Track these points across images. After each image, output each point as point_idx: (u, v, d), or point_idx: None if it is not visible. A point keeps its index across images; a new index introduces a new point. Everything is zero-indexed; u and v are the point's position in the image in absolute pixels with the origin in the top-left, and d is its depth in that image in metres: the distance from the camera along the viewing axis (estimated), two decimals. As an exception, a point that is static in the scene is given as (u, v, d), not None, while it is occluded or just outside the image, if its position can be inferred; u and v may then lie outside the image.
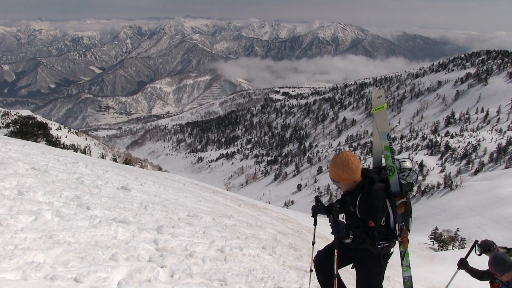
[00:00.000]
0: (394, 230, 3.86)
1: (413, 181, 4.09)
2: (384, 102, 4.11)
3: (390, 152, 4.01)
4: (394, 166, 3.93)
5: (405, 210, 3.90)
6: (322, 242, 10.96)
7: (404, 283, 4.47)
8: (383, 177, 3.93)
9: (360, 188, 3.76)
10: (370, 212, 3.66)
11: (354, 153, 58.42)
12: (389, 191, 3.84)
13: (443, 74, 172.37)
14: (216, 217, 8.06)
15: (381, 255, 3.86)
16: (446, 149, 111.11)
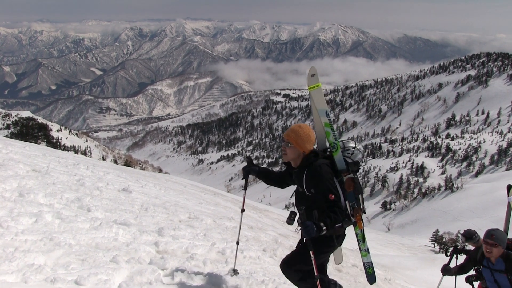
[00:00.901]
0: (346, 210, 3.73)
1: (358, 159, 3.99)
2: (318, 80, 4.09)
3: (331, 129, 3.95)
4: (337, 142, 3.88)
5: (354, 188, 3.77)
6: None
7: (365, 269, 4.32)
8: (328, 155, 3.90)
9: (305, 164, 3.68)
10: (323, 185, 3.55)
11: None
12: (335, 168, 3.78)
13: (443, 76, 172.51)
14: (217, 219, 8.05)
15: (334, 236, 3.72)
16: (447, 151, 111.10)
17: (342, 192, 3.70)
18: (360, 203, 3.83)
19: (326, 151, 3.99)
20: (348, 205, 3.74)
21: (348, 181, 3.74)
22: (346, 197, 3.73)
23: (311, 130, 3.77)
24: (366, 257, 4.25)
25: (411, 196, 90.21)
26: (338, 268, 7.96)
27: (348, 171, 3.80)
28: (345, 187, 3.72)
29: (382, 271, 10.15)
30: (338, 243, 3.81)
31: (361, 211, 3.82)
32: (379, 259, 13.59)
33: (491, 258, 4.54)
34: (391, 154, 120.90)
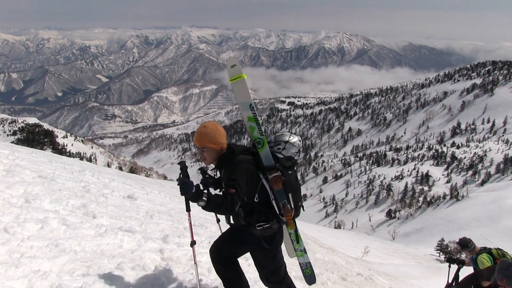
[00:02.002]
0: (277, 209, 3.55)
1: (292, 154, 3.83)
2: (241, 71, 3.77)
3: (255, 123, 3.73)
4: (263, 138, 3.68)
5: (285, 186, 3.55)
6: (327, 253, 10.91)
7: (303, 270, 4.15)
8: (252, 150, 3.69)
9: (223, 162, 3.54)
10: (230, 180, 3.35)
11: (359, 163, 58.44)
12: (260, 165, 3.59)
13: (449, 84, 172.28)
14: (222, 226, 8.04)
15: (263, 238, 3.55)
16: (452, 159, 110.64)
17: (271, 191, 3.54)
18: (291, 201, 3.61)
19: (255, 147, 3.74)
20: (277, 205, 3.54)
21: (275, 179, 3.53)
22: (275, 196, 3.54)
23: (218, 125, 3.60)
24: (303, 257, 4.11)
25: (416, 205, 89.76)
26: (342, 277, 7.92)
27: (276, 168, 3.58)
28: (272, 184, 3.52)
29: (387, 280, 10.09)
30: (268, 245, 3.58)
31: (291, 210, 3.60)
32: (384, 268, 13.51)
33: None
34: (396, 162, 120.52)
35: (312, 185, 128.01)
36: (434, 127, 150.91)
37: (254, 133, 3.70)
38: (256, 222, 3.50)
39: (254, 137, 3.70)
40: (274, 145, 3.83)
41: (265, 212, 3.54)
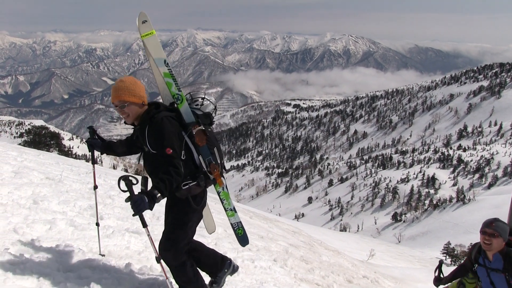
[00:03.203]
0: (201, 167, 3.41)
1: (210, 111, 3.71)
2: (152, 27, 3.61)
3: (172, 79, 3.59)
4: (181, 93, 3.55)
5: (208, 142, 3.46)
6: (333, 256, 10.90)
7: (234, 230, 3.98)
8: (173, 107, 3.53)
9: (146, 119, 3.31)
10: (162, 139, 3.18)
11: (365, 166, 58.16)
12: (182, 121, 3.45)
13: (455, 87, 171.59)
14: (228, 228, 8.06)
15: (190, 197, 3.35)
16: (458, 162, 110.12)
17: (194, 147, 3.40)
18: (217, 157, 3.51)
19: (173, 105, 3.58)
20: (203, 161, 3.42)
21: (199, 134, 3.41)
22: (200, 153, 3.41)
23: (135, 79, 3.38)
24: (233, 217, 3.92)
25: (422, 208, 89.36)
26: (348, 279, 7.91)
27: (198, 123, 3.47)
28: (196, 141, 3.39)
29: (392, 283, 10.06)
30: (196, 204, 3.41)
31: (218, 166, 3.49)
32: (389, 271, 13.46)
33: (489, 254, 3.98)
34: (401, 165, 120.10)
35: (317, 187, 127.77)
36: (440, 130, 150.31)
37: (172, 89, 3.57)
38: (181, 182, 3.28)
39: (172, 93, 3.56)
40: (191, 102, 3.70)
41: (191, 170, 3.36)
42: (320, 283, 6.40)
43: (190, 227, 3.48)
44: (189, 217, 3.44)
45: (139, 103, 3.32)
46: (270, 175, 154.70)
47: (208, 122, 3.59)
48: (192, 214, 3.44)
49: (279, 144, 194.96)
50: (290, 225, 16.94)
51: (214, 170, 3.44)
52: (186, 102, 3.56)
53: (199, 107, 3.67)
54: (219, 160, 3.53)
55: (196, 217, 3.52)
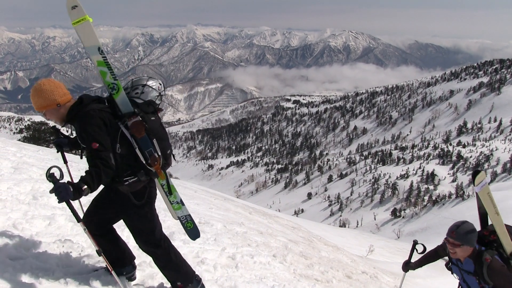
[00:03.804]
0: (143, 159, 3.24)
1: (153, 98, 3.50)
2: (84, 13, 3.32)
3: (107, 67, 3.31)
4: (117, 82, 3.29)
5: (148, 133, 3.26)
6: (332, 251, 10.92)
7: (183, 224, 3.82)
8: (105, 98, 3.32)
9: (72, 116, 3.14)
10: (87, 134, 3.01)
11: (364, 162, 57.97)
12: (118, 112, 3.24)
13: (455, 83, 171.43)
14: (227, 224, 8.07)
15: (132, 194, 3.26)
16: (458, 158, 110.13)
17: (134, 140, 3.22)
18: (158, 149, 3.31)
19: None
20: (141, 154, 3.23)
21: (136, 125, 3.20)
22: (139, 145, 3.23)
23: (43, 81, 3.12)
24: (180, 210, 3.79)
25: (421, 204, 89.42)
26: (348, 275, 7.93)
27: (135, 113, 3.25)
28: (133, 132, 3.20)
29: (391, 278, 10.09)
30: (138, 200, 3.30)
31: (159, 159, 3.30)
32: (388, 267, 13.50)
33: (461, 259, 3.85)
34: (401, 161, 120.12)
35: (317, 183, 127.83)
36: (440, 126, 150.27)
37: (106, 79, 3.31)
38: (122, 177, 3.18)
39: (106, 82, 3.30)
40: (131, 90, 3.48)
41: (130, 164, 3.22)
42: (320, 278, 6.41)
43: (151, 218, 3.46)
44: (144, 211, 3.38)
45: (53, 107, 3.11)
46: (269, 171, 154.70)
47: (151, 110, 3.39)
48: (144, 207, 3.37)
49: (279, 140, 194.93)
50: (290, 221, 16.96)
51: (155, 163, 3.26)
52: (123, 91, 3.32)
53: (138, 95, 3.46)
54: (162, 151, 3.35)
55: (151, 208, 3.47)
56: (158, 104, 3.58)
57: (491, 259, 3.61)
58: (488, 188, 3.87)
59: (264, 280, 4.94)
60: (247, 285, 4.51)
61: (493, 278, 3.57)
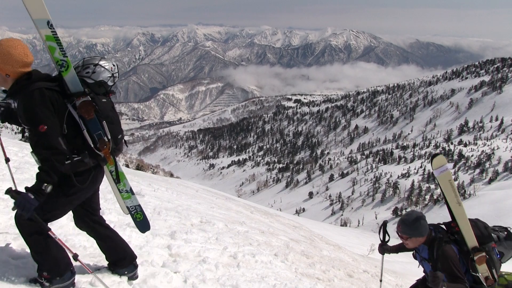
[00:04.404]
0: (91, 142, 3.05)
1: (104, 79, 3.26)
2: None
3: (56, 43, 3.07)
4: (66, 59, 3.06)
5: (98, 114, 3.08)
6: (334, 250, 10.92)
7: (132, 215, 3.62)
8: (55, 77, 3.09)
9: (16, 91, 2.91)
10: (33, 115, 2.79)
11: (366, 161, 57.79)
12: (66, 91, 3.02)
13: (456, 82, 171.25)
14: (229, 223, 8.08)
15: (74, 174, 3.00)
16: (459, 157, 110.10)
17: (82, 121, 3.01)
18: (107, 132, 3.11)
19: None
20: (89, 136, 3.04)
21: (85, 106, 3.00)
22: (87, 127, 3.03)
23: (14, 47, 2.87)
24: (129, 199, 3.59)
25: (423, 203, 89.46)
26: (349, 274, 7.94)
27: (85, 93, 3.05)
28: (81, 113, 3.00)
29: (393, 277, 10.09)
30: (80, 183, 3.06)
31: (109, 143, 3.11)
32: (390, 265, 13.49)
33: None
34: (402, 160, 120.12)
35: (318, 182, 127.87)
36: (441, 125, 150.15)
37: (55, 54, 3.06)
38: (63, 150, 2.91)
39: (55, 58, 3.06)
40: (82, 69, 3.24)
41: (76, 145, 3.01)
42: (321, 277, 6.42)
43: (65, 203, 3.13)
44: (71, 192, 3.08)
45: (1, 74, 2.89)
46: (271, 170, 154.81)
47: (102, 91, 3.22)
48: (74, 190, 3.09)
49: (280, 139, 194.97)
50: (291, 220, 16.97)
51: (104, 147, 3.08)
52: (73, 69, 3.10)
53: (89, 74, 3.23)
54: (112, 136, 3.17)
55: (80, 195, 3.17)
56: (111, 86, 3.36)
57: (443, 245, 3.60)
58: (449, 175, 3.74)
59: (266, 279, 4.95)
60: (248, 284, 4.52)
61: (441, 263, 3.56)
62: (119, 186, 3.49)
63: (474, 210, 69.68)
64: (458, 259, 3.58)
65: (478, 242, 3.70)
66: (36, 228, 2.99)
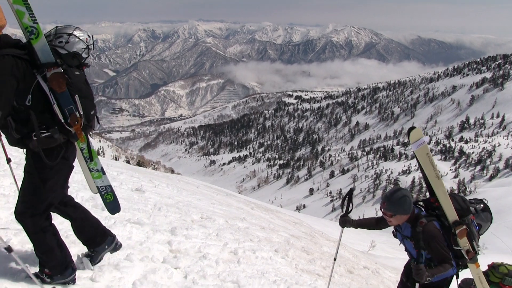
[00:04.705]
0: (61, 117, 2.87)
1: (78, 50, 3.08)
2: None
3: (25, 7, 2.80)
4: (37, 26, 2.84)
5: (70, 88, 2.90)
6: (334, 247, 10.94)
7: (102, 195, 3.43)
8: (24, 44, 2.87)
9: None
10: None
11: (366, 158, 58.07)
12: (36, 61, 2.81)
13: (458, 78, 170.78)
14: (229, 219, 8.09)
15: (43, 151, 2.85)
16: (460, 154, 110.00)
17: (52, 94, 2.83)
18: (79, 107, 2.94)
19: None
20: (60, 111, 2.86)
21: (56, 78, 2.81)
22: (58, 100, 2.85)
23: None
24: (100, 179, 3.37)
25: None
26: (349, 270, 7.95)
27: (57, 64, 2.86)
28: (52, 86, 2.80)
29: (393, 274, 10.11)
30: (50, 160, 2.89)
31: (81, 119, 2.94)
32: (390, 262, 13.52)
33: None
34: (403, 156, 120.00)
35: (319, 179, 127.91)
36: (442, 122, 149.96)
37: (24, 20, 2.81)
38: (32, 131, 2.80)
39: (24, 24, 2.82)
40: (54, 38, 3.04)
41: (45, 120, 2.85)
42: (321, 273, 6.43)
43: (50, 187, 2.99)
44: (46, 174, 2.94)
45: None
46: (271, 167, 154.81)
47: (76, 63, 3.03)
48: (49, 172, 2.95)
49: (281, 135, 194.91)
50: (292, 216, 16.99)
51: (75, 123, 2.90)
52: (44, 38, 2.88)
53: (63, 44, 3.03)
54: (84, 111, 3.00)
55: (58, 176, 3.04)
56: (85, 58, 3.18)
57: (426, 223, 3.53)
58: (427, 148, 3.66)
59: (266, 275, 4.96)
60: (249, 280, 4.52)
61: (424, 241, 3.48)
62: (90, 164, 3.28)
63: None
64: (442, 236, 3.54)
65: (458, 215, 3.66)
66: (40, 227, 2.98)
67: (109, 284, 3.40)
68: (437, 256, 3.49)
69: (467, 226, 3.65)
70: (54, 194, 3.06)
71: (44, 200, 2.99)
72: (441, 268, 3.42)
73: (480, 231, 3.90)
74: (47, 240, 3.02)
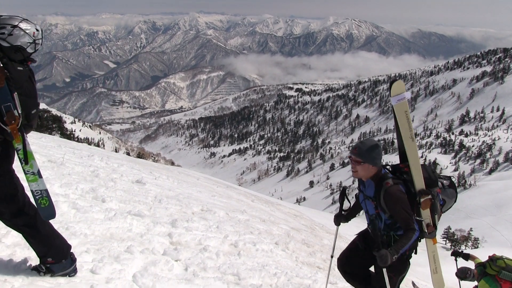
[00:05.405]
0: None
1: (24, 45, 2.79)
2: None
3: None
4: None
5: (10, 83, 2.69)
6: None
7: (36, 200, 3.04)
8: None
9: None
10: None
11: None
12: None
13: (458, 72, 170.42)
14: (230, 212, 8.09)
15: None
16: (460, 147, 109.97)
17: None
18: (18, 105, 2.73)
19: None
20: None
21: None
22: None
23: None
24: (35, 182, 3.03)
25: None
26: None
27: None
28: None
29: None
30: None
31: (18, 118, 2.73)
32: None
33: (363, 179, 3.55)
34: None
35: (319, 171, 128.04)
36: (442, 115, 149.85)
37: None
38: None
39: None
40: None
41: None
42: (322, 266, 6.43)
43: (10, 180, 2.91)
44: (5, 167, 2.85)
45: None
46: (272, 159, 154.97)
47: (19, 58, 2.80)
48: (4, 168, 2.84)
49: (281, 128, 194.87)
50: (292, 209, 17.01)
51: (12, 122, 2.69)
52: None
53: (5, 36, 2.75)
54: (24, 110, 2.80)
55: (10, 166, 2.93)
56: (30, 53, 2.89)
57: (392, 184, 3.35)
58: (406, 106, 3.50)
59: (267, 267, 4.95)
60: (249, 272, 4.52)
61: (388, 203, 3.33)
62: (25, 167, 2.98)
63: (474, 201, 69.90)
64: (407, 200, 3.38)
65: (425, 185, 3.55)
66: (25, 221, 2.94)
67: (109, 276, 3.39)
68: (400, 218, 3.32)
69: (432, 198, 3.54)
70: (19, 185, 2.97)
71: (16, 194, 2.92)
72: (404, 239, 3.28)
73: (444, 207, 3.82)
74: (41, 230, 2.99)
